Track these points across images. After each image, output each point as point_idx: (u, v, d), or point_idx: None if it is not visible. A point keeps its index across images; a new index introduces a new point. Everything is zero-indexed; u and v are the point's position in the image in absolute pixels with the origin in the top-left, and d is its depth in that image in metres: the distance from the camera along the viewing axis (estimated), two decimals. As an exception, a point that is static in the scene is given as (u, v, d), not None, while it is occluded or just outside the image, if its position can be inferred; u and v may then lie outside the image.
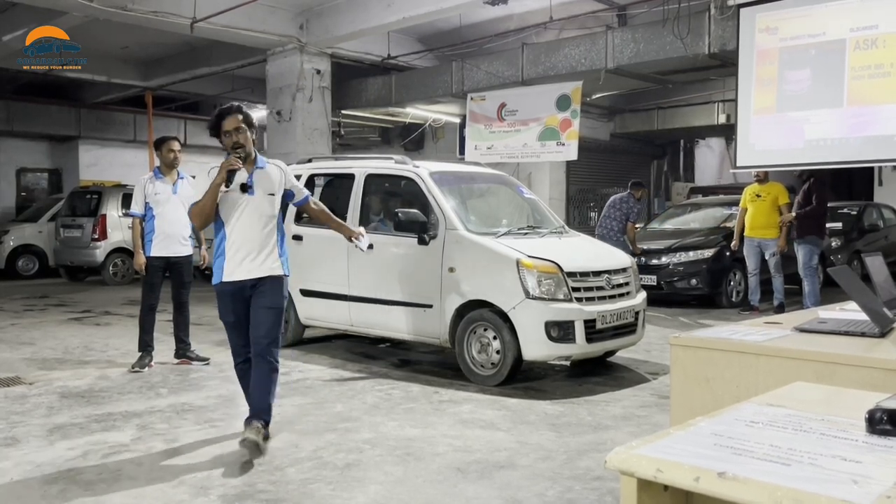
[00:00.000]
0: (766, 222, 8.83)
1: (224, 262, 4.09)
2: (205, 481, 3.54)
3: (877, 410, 1.26)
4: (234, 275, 4.07)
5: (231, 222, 4.08)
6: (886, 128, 7.89)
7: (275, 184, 4.18)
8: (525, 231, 6.21)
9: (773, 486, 1.03)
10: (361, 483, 3.53)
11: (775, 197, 8.81)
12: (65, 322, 8.73)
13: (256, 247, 4.08)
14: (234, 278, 4.07)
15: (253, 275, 4.08)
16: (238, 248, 4.07)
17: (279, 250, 4.17)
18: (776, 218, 8.79)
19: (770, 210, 8.81)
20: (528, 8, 11.09)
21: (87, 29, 10.89)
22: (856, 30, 7.95)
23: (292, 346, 6.94)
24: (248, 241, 4.07)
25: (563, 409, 4.92)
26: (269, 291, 4.10)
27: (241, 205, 4.06)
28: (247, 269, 4.08)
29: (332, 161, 7.83)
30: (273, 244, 4.14)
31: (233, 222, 4.08)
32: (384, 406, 4.96)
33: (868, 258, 2.53)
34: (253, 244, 4.08)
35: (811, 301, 8.21)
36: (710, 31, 9.30)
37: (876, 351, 2.03)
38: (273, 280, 4.12)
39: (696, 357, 2.19)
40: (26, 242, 14.59)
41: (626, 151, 17.11)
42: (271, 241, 4.13)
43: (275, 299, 4.12)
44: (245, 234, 4.07)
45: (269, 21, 11.30)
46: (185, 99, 17.24)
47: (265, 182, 4.14)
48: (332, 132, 13.03)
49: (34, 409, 4.82)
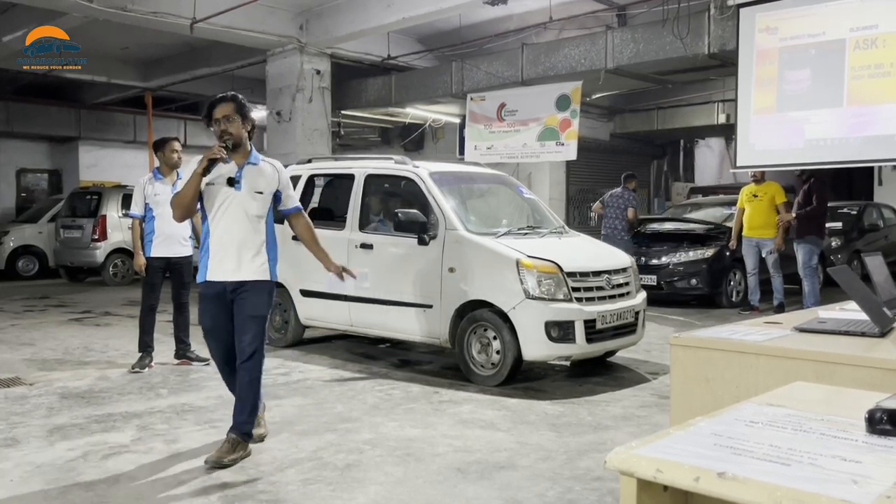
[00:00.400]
0: (764, 222, 8.86)
1: (208, 259, 3.87)
2: (205, 482, 3.54)
3: (877, 410, 1.26)
4: (215, 274, 3.85)
5: (215, 217, 3.86)
6: (886, 127, 7.89)
7: (264, 182, 3.93)
8: (525, 231, 6.21)
9: (772, 486, 1.03)
10: (361, 484, 3.53)
11: (772, 196, 8.84)
12: (65, 323, 8.73)
13: (239, 247, 3.84)
14: (215, 278, 3.84)
15: (233, 277, 3.83)
16: (220, 245, 3.85)
17: (267, 254, 3.93)
18: (774, 217, 8.81)
19: (767, 210, 8.83)
20: (527, 8, 11.09)
21: (87, 30, 10.89)
22: (856, 30, 7.95)
23: (292, 346, 6.95)
24: (231, 239, 3.84)
25: (564, 409, 4.92)
26: (251, 297, 3.85)
27: (225, 199, 3.84)
28: (227, 269, 3.84)
29: (331, 161, 7.84)
30: (259, 246, 3.90)
31: (216, 218, 3.86)
32: (384, 406, 4.96)
33: (868, 258, 2.53)
34: (235, 243, 3.84)
35: (811, 301, 8.21)
36: (709, 31, 9.30)
37: (876, 351, 2.03)
38: (257, 285, 3.86)
39: (696, 357, 2.19)
40: (26, 243, 14.60)
41: (626, 151, 17.11)
42: (257, 243, 3.89)
43: (257, 307, 3.86)
44: (227, 232, 3.85)
45: (268, 21, 11.30)
46: (184, 99, 17.24)
47: (255, 179, 3.90)
48: (331, 132, 13.04)
49: (34, 410, 4.82)
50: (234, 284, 3.84)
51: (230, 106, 3.89)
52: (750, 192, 9.00)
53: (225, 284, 3.84)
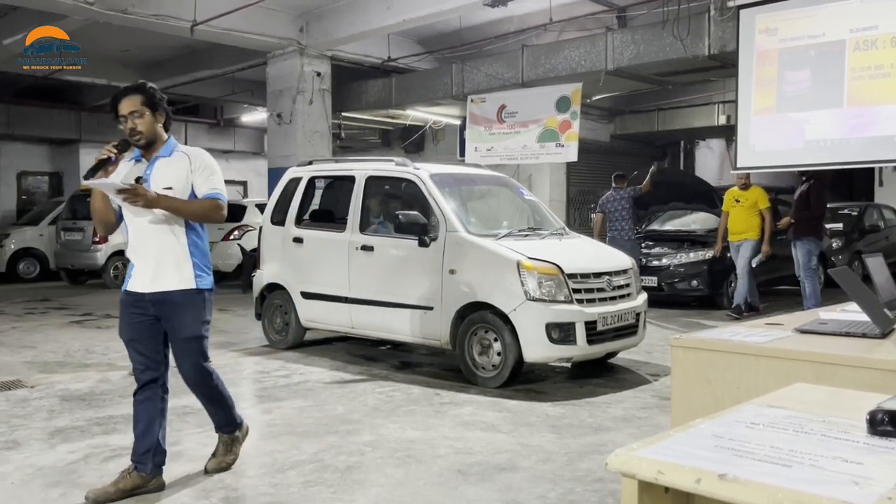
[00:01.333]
0: (745, 226, 8.91)
1: (131, 268, 3.45)
2: (206, 484, 3.55)
3: (878, 412, 1.26)
4: (134, 284, 3.40)
5: (130, 223, 3.41)
6: (886, 128, 7.88)
7: (174, 175, 3.37)
8: (525, 233, 6.21)
9: (774, 488, 1.03)
10: (362, 486, 3.53)
11: (754, 201, 8.87)
12: (66, 325, 8.73)
13: (157, 253, 3.35)
14: (134, 289, 3.40)
15: (151, 288, 3.35)
16: (135, 253, 3.42)
17: (192, 259, 3.39)
18: (755, 221, 8.85)
19: (747, 214, 8.89)
20: (527, 10, 11.09)
21: (88, 32, 10.90)
22: (856, 30, 7.95)
23: (293, 348, 6.95)
24: (146, 246, 3.37)
25: (565, 410, 4.91)
26: (179, 316, 3.38)
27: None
28: (146, 280, 3.37)
29: (332, 163, 7.85)
30: (180, 251, 3.37)
31: (131, 223, 3.41)
32: (385, 408, 4.96)
33: (869, 259, 2.52)
34: (151, 250, 3.35)
35: (812, 302, 8.21)
36: (709, 33, 9.30)
37: (877, 352, 2.03)
38: (181, 299, 3.36)
39: (696, 358, 2.19)
40: (27, 246, 14.60)
41: (627, 153, 17.10)
42: (176, 248, 3.36)
43: (189, 327, 3.40)
44: (141, 239, 3.38)
45: (269, 24, 11.32)
46: (185, 102, 17.24)
47: (165, 174, 3.37)
48: (332, 134, 13.05)
49: (35, 413, 4.83)
50: (155, 296, 3.37)
51: (137, 99, 3.37)
52: (733, 196, 9.04)
53: (144, 296, 3.38)
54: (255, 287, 7.28)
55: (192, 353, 3.47)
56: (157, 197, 3.27)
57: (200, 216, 3.42)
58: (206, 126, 19.54)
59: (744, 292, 8.89)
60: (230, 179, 20.26)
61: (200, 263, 3.43)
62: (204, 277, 3.44)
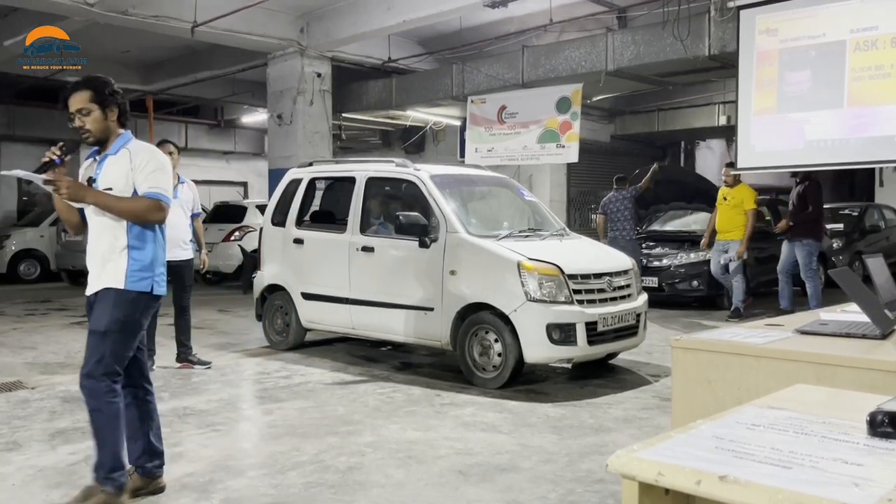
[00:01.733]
0: (730, 225, 8.94)
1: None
2: (207, 485, 3.55)
3: (878, 413, 1.26)
4: (88, 288, 3.32)
5: (88, 225, 3.33)
6: (887, 128, 7.88)
7: (116, 174, 3.24)
8: (526, 233, 6.21)
9: (774, 489, 1.03)
10: (363, 486, 3.53)
11: (741, 201, 8.89)
12: (66, 326, 8.73)
13: (102, 255, 3.23)
14: (87, 292, 3.32)
15: (91, 290, 3.27)
16: (88, 255, 3.31)
17: (128, 258, 3.20)
18: (740, 220, 8.86)
19: (732, 214, 8.91)
20: (528, 10, 11.09)
21: (88, 33, 10.91)
22: (856, 31, 7.95)
23: (294, 349, 6.96)
24: (94, 247, 3.27)
25: (565, 411, 4.91)
26: (95, 310, 3.22)
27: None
28: (90, 283, 3.28)
29: (333, 164, 7.85)
30: (118, 251, 3.20)
31: (88, 225, 3.33)
32: (386, 409, 4.96)
33: (869, 259, 2.53)
34: (98, 252, 3.25)
35: (813, 303, 8.21)
36: (710, 33, 9.30)
37: (877, 353, 2.03)
38: (104, 294, 3.19)
39: (697, 359, 2.19)
40: (28, 247, 14.62)
41: (627, 153, 17.10)
42: (116, 248, 3.21)
43: (96, 319, 3.18)
44: (91, 239, 3.30)
45: (269, 25, 11.32)
46: (186, 103, 17.26)
47: (109, 173, 3.26)
48: (332, 135, 13.04)
49: (36, 414, 4.83)
50: (91, 299, 3.29)
51: (85, 95, 3.24)
52: (721, 195, 9.07)
53: (89, 299, 3.30)
54: (255, 288, 7.29)
55: (91, 346, 3.17)
56: (83, 189, 3.17)
57: (136, 215, 3.20)
58: (207, 127, 19.54)
59: (740, 294, 8.88)
60: (231, 180, 20.30)
61: (138, 266, 3.22)
62: (140, 281, 3.21)
